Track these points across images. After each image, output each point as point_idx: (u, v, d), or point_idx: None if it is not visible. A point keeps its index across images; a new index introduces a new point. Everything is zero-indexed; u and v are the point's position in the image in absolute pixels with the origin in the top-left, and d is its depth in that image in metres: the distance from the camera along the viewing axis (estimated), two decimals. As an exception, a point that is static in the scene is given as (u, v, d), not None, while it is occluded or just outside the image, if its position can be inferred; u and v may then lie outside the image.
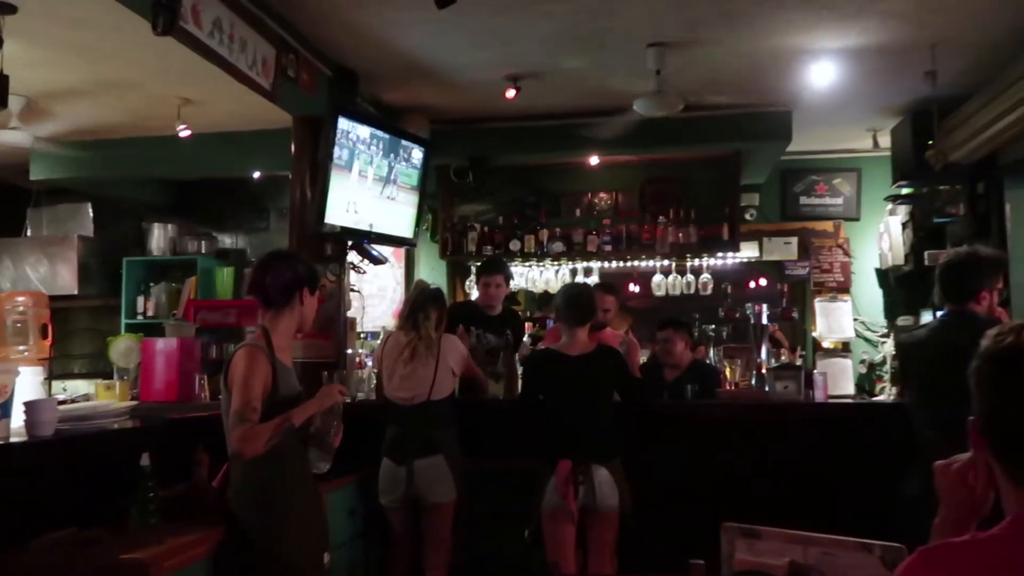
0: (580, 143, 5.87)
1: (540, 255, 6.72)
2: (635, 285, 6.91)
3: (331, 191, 4.68)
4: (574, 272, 6.85)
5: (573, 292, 3.86)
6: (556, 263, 6.84)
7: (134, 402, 4.00)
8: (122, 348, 4.63)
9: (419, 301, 3.80)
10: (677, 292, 6.68)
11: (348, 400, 4.56)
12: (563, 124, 5.85)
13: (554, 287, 6.87)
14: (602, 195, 6.91)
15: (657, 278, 6.72)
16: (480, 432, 3.94)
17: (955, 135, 4.99)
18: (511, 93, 5.10)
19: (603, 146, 5.98)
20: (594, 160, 6.61)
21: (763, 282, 6.81)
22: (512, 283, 6.88)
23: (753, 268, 6.85)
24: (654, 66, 4.56)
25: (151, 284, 6.58)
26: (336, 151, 4.69)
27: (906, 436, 3.32)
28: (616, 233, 6.65)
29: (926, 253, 5.52)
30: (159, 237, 6.72)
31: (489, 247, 6.70)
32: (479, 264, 5.61)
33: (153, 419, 3.45)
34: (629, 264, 6.85)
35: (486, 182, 6.40)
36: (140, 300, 6.56)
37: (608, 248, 6.65)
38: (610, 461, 3.58)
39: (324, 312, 4.65)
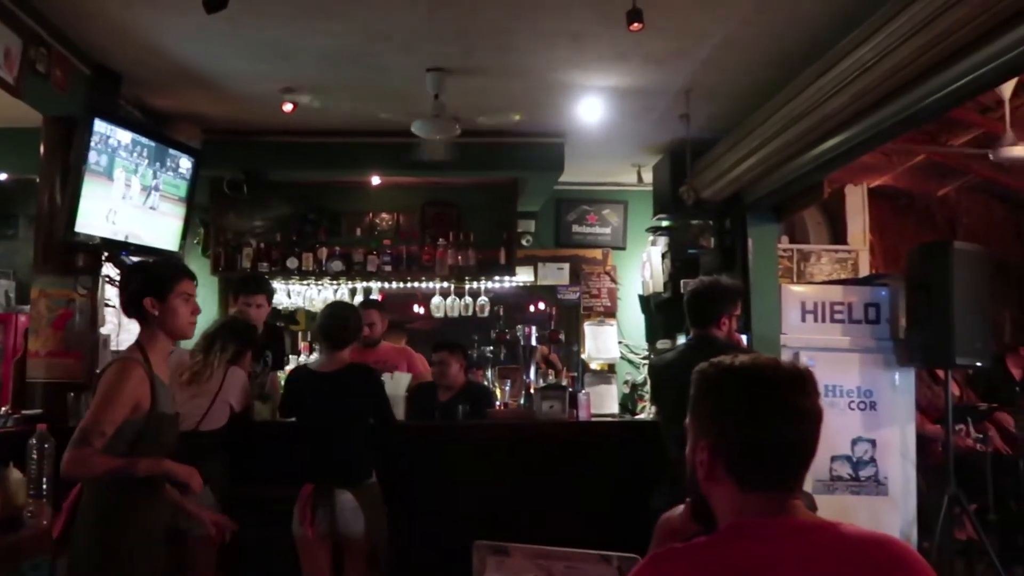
0: (359, 162, 5.85)
1: (319, 274, 6.58)
2: (419, 307, 6.94)
3: (87, 199, 4.32)
4: (353, 292, 6.76)
5: (326, 315, 3.77)
6: (335, 282, 6.72)
7: None
8: None
9: (222, 333, 3.67)
10: (456, 314, 6.79)
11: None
12: (342, 142, 5.79)
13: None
14: (384, 216, 6.89)
15: (436, 300, 6.79)
16: (251, 457, 3.78)
17: (706, 174, 5.45)
18: (288, 107, 4.98)
19: (384, 167, 5.98)
20: (376, 180, 6.59)
21: (542, 306, 7.08)
22: (289, 301, 6.75)
23: (530, 292, 7.10)
24: (432, 90, 4.63)
25: None
26: (93, 156, 4.35)
27: (659, 452, 3.56)
28: (396, 254, 6.66)
29: (681, 281, 5.98)
30: None
31: (265, 264, 6.48)
32: (237, 282, 5.35)
33: None
34: (410, 285, 6.87)
35: (262, 197, 6.20)
36: None
37: (388, 269, 6.64)
38: (358, 486, 3.48)
39: (71, 329, 4.29)
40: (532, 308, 7.01)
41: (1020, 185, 6.57)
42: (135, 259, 4.85)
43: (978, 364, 5.33)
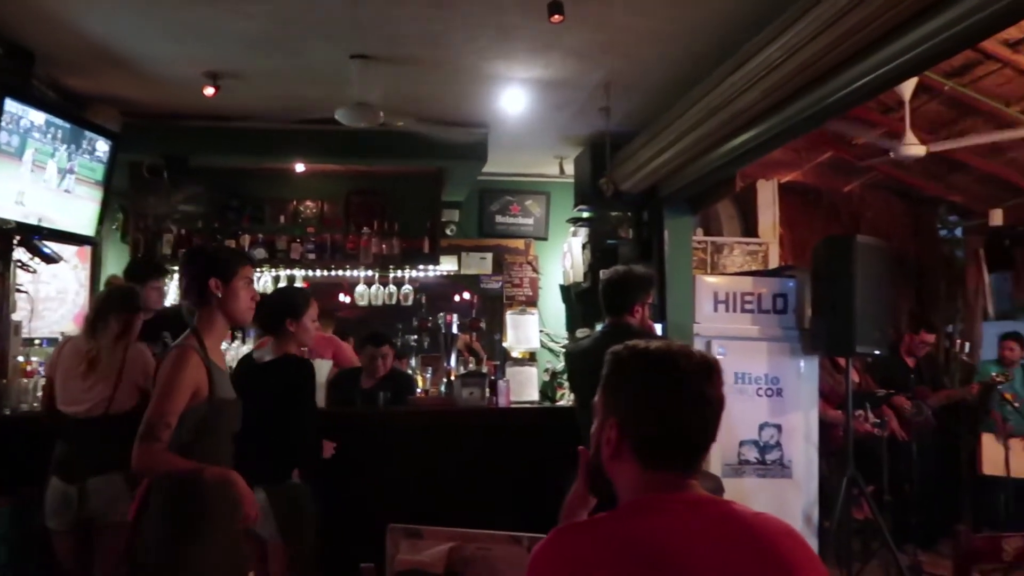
0: (283, 148, 5.82)
1: (241, 261, 6.51)
2: (345, 296, 6.93)
3: (-6, 179, 4.21)
4: (276, 280, 6.72)
5: (265, 297, 3.77)
6: (258, 270, 6.66)
7: None
8: None
9: (101, 307, 3.50)
10: (380, 302, 6.81)
11: (7, 413, 4.14)
12: (266, 128, 5.75)
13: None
14: (308, 203, 6.87)
15: (361, 288, 6.79)
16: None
17: (625, 167, 5.60)
18: (210, 91, 4.92)
19: (308, 154, 5.96)
20: (300, 168, 6.56)
21: (466, 295, 7.14)
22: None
23: (454, 281, 7.16)
24: (356, 78, 4.64)
25: None
26: (4, 136, 4.23)
27: (576, 438, 3.67)
28: (321, 242, 6.65)
29: (600, 272, 6.12)
30: None
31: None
32: (129, 268, 5.22)
33: None
34: (334, 273, 6.85)
35: (184, 182, 6.10)
36: None
37: (312, 257, 6.62)
38: (276, 484, 3.31)
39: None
40: (457, 297, 7.07)
41: (918, 182, 6.93)
42: (49, 245, 4.73)
43: (876, 352, 5.63)
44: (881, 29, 3.27)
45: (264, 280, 6.69)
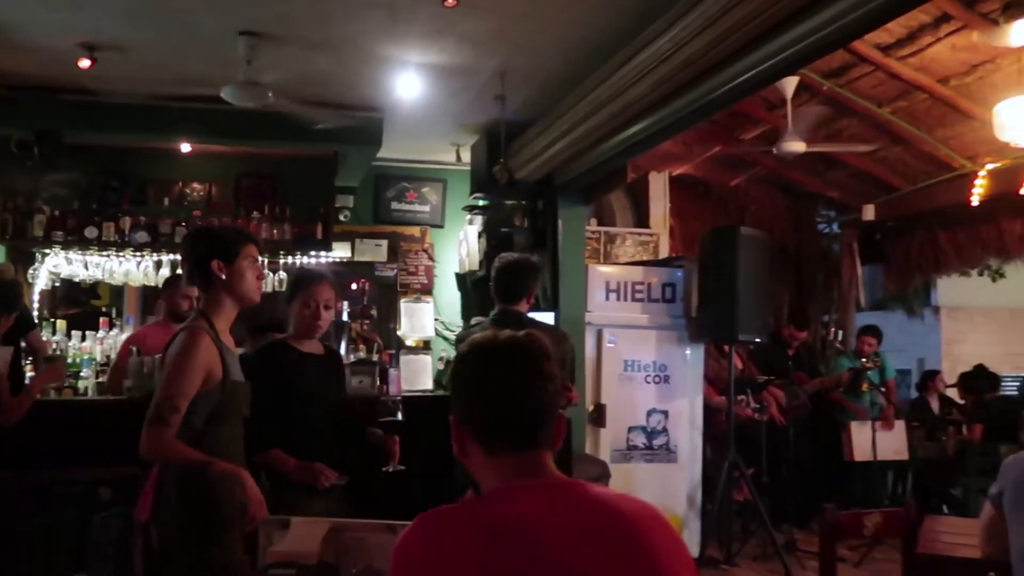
0: (167, 127, 5.58)
1: (121, 245, 6.22)
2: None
3: None
4: (159, 264, 6.44)
5: None
6: (139, 254, 6.37)
7: None
8: None
9: None
10: (270, 289, 6.62)
11: None
12: (148, 105, 5.50)
13: (136, 279, 6.44)
14: (195, 185, 6.61)
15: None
16: (32, 440, 3.55)
17: (520, 155, 5.63)
18: (85, 63, 4.67)
19: (193, 133, 5.74)
20: (186, 147, 6.31)
21: (362, 283, 7.02)
22: (87, 273, 6.33)
23: (348, 268, 7.04)
24: (244, 55, 4.49)
25: None
26: None
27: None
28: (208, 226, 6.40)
29: (495, 259, 6.14)
30: None
31: (60, 233, 6.06)
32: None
33: None
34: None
35: (58, 160, 5.77)
36: None
37: (198, 241, 6.37)
38: None
39: None
40: (355, 286, 6.95)
41: (799, 178, 7.23)
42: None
43: (757, 340, 5.86)
44: (762, 26, 3.40)
45: (145, 265, 6.41)
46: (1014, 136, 4.82)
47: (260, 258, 2.66)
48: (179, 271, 6.15)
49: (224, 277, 2.51)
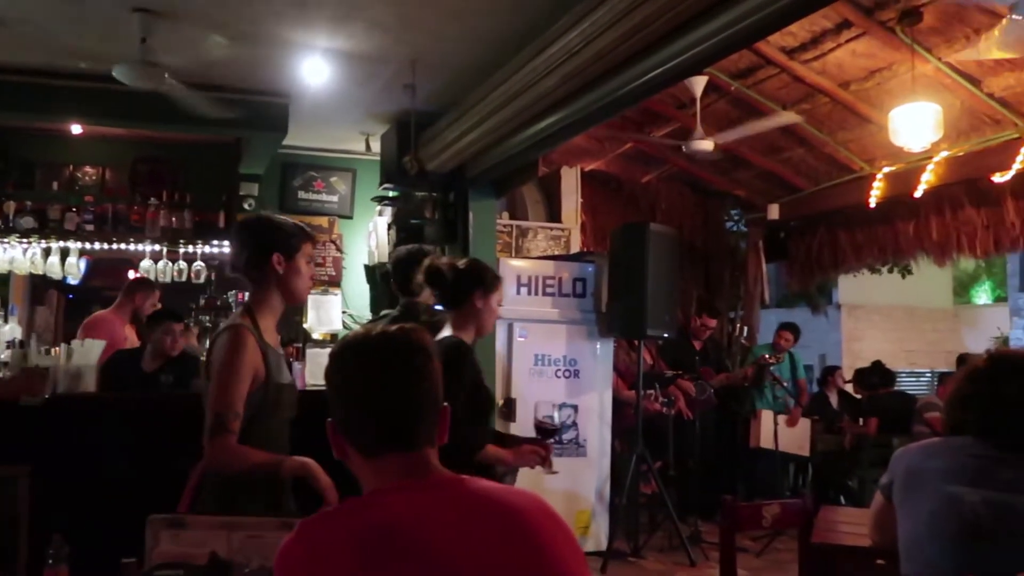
0: (56, 106, 5.27)
1: (4, 231, 5.90)
2: (134, 272, 6.41)
3: None
4: (47, 252, 6.12)
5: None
6: (25, 241, 6.03)
7: None
8: None
9: None
10: (169, 279, 6.37)
11: None
12: (34, 83, 5.17)
13: (22, 267, 6.09)
14: (87, 169, 6.32)
15: (147, 263, 6.33)
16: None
17: (431, 146, 5.54)
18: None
19: (84, 114, 5.45)
20: (77, 129, 6.00)
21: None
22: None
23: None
24: (139, 33, 4.27)
25: None
26: None
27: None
28: (101, 212, 6.13)
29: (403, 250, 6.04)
30: None
31: (-62, 217, 5.69)
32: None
33: None
34: (117, 247, 6.33)
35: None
36: None
37: (90, 228, 6.09)
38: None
39: None
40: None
41: (708, 176, 7.36)
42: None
43: (665, 335, 5.93)
44: (669, 24, 3.42)
45: (32, 252, 6.07)
46: (907, 141, 5.00)
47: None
48: (144, 275, 5.91)
49: (281, 272, 2.38)
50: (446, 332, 3.02)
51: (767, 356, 6.64)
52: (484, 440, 2.96)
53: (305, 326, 6.78)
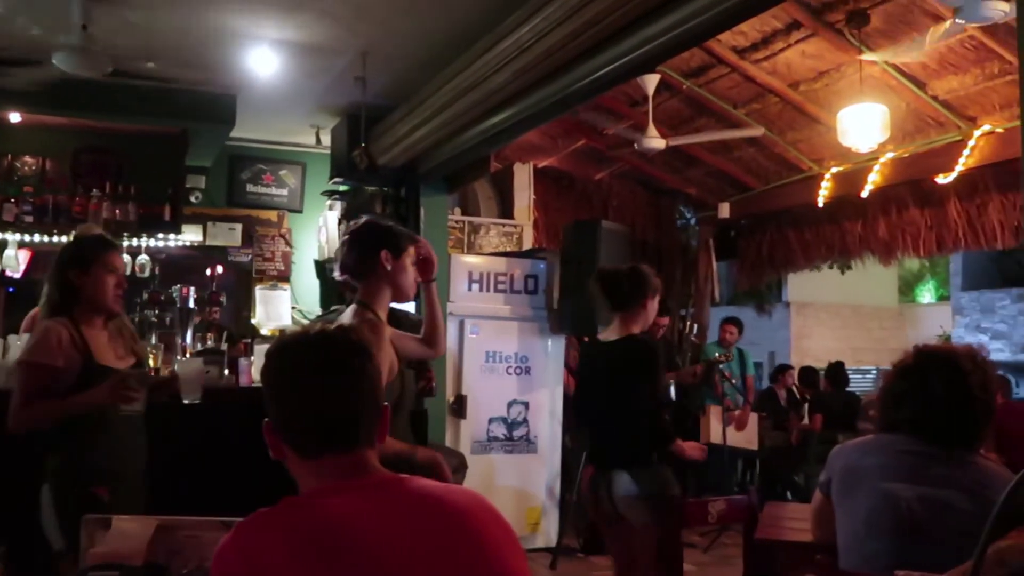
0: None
1: (-62, 221, 5.69)
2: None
3: None
4: (-16, 244, 5.92)
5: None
6: (-39, 233, 5.83)
7: None
8: None
9: None
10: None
11: None
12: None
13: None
14: (26, 159, 6.11)
15: (88, 256, 6.15)
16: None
17: (382, 141, 5.48)
18: None
19: (23, 102, 5.28)
20: (15, 117, 5.81)
21: (219, 268, 6.66)
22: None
23: (200, 252, 6.68)
24: (79, 20, 4.14)
25: None
26: None
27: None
28: (41, 204, 5.94)
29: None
30: None
31: None
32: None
33: None
34: (59, 239, 6.14)
35: None
36: None
37: (30, 220, 5.90)
38: (643, 468, 3.33)
39: None
40: (211, 270, 6.59)
41: (660, 174, 7.40)
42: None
43: (616, 332, 5.94)
44: (620, 21, 3.43)
45: (-31, 244, 5.88)
46: (855, 142, 5.08)
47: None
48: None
49: (389, 269, 2.54)
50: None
51: (718, 355, 6.70)
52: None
53: (253, 321, 6.69)
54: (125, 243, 6.18)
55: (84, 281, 2.77)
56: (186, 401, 3.13)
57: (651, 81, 5.52)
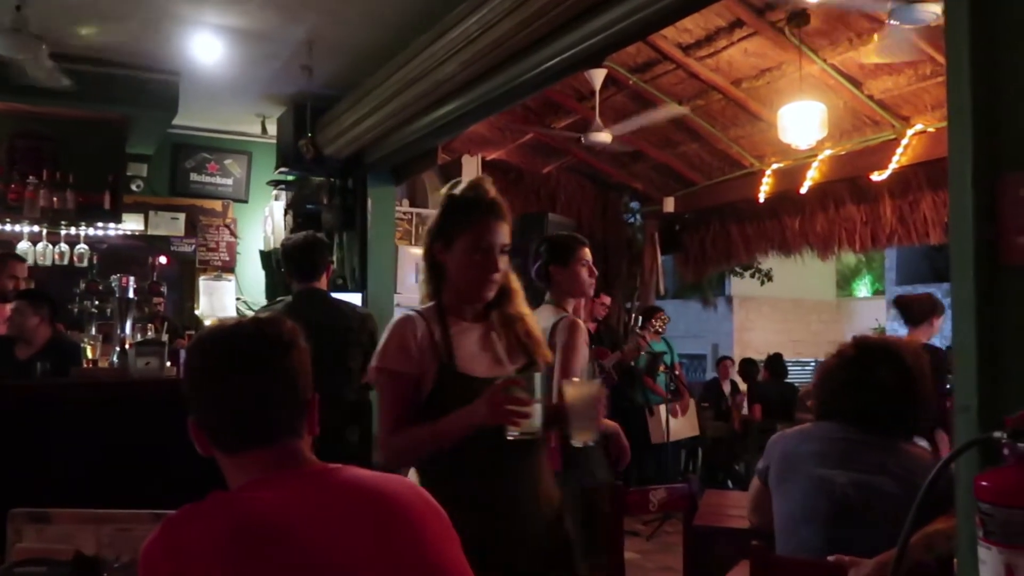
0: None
1: None
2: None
3: None
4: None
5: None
6: None
7: None
8: None
9: None
10: (49, 262, 6.05)
11: None
12: None
13: None
14: (-42, 145, 5.91)
15: (24, 245, 5.99)
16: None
17: (328, 131, 5.43)
18: None
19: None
20: (-55, 101, 5.62)
21: (163, 259, 6.53)
22: None
23: (142, 242, 6.54)
24: (14, 0, 4.03)
25: None
26: None
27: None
28: (-27, 190, 5.76)
29: (287, 236, 5.90)
30: None
31: None
32: None
33: None
34: (-9, 228, 5.97)
35: None
36: None
37: (-39, 207, 5.72)
38: None
39: None
40: (152, 260, 6.44)
41: (607, 168, 7.47)
42: None
43: (562, 322, 5.98)
44: (567, 14, 3.45)
45: None
46: (794, 139, 5.19)
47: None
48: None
49: (562, 280, 3.09)
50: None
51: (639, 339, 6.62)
52: None
53: (197, 312, 6.58)
54: (62, 232, 6.06)
55: None
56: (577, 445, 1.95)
57: (598, 76, 5.58)
